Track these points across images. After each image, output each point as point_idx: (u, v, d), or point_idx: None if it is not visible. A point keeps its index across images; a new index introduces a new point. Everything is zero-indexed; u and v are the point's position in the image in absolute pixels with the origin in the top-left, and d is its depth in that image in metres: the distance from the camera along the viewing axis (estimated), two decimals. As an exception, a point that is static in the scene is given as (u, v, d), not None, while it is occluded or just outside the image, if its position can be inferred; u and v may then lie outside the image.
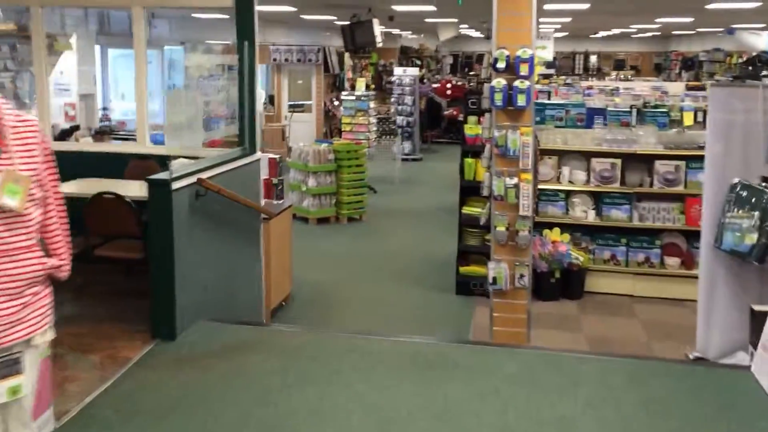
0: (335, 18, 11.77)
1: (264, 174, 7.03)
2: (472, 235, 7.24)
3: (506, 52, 4.81)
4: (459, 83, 20.60)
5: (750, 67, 20.04)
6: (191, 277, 4.66)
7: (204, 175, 4.80)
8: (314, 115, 17.59)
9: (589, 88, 16.47)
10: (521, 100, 4.82)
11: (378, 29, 9.32)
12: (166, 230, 4.34)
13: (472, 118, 7.47)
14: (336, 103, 14.50)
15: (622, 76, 20.53)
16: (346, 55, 18.68)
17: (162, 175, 4.39)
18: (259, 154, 5.84)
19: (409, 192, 13.17)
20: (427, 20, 12.53)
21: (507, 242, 5.30)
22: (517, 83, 4.80)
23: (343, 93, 12.90)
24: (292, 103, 17.87)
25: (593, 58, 32.51)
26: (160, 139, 8.03)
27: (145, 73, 5.84)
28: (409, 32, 21.06)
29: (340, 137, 12.95)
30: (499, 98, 4.84)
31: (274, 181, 7.05)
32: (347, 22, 9.63)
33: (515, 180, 4.98)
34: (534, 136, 5.06)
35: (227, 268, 5.32)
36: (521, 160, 4.95)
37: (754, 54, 20.48)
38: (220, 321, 4.89)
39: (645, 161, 7.59)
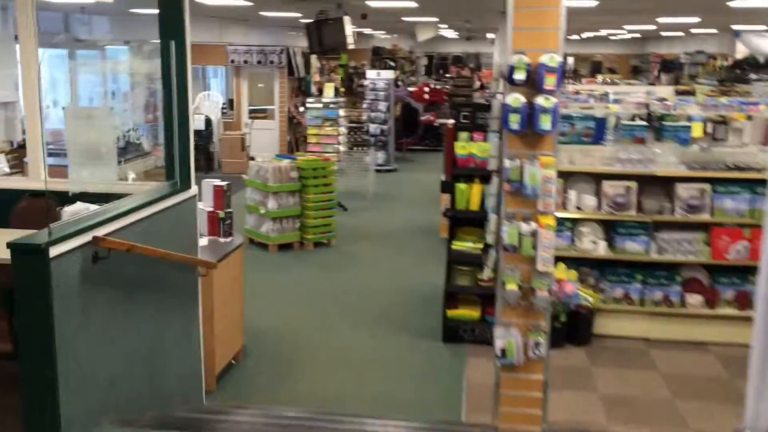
0: (299, 15, 10.43)
1: (207, 206, 5.69)
2: (462, 274, 5.96)
3: (526, 59, 3.51)
4: (438, 87, 19.36)
5: (738, 71, 19.18)
6: (87, 372, 3.30)
7: (108, 228, 3.44)
8: (277, 122, 16.17)
9: (576, 93, 15.37)
10: (545, 123, 3.52)
11: (349, 28, 8.00)
12: (41, 315, 2.97)
13: (462, 134, 6.19)
14: (301, 109, 13.13)
15: (608, 80, 19.46)
16: (313, 56, 17.29)
17: (33, 238, 3.02)
18: (194, 189, 4.48)
19: (384, 209, 11.86)
20: (404, 19, 11.23)
21: (519, 303, 4.02)
22: (539, 100, 3.50)
23: (309, 100, 11.52)
24: (253, 108, 16.44)
25: (570, 61, 31.62)
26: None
27: (35, 78, 4.44)
28: (383, 32, 19.76)
29: (306, 148, 11.59)
30: (515, 120, 3.53)
31: (221, 214, 5.70)
32: (313, 20, 8.29)
33: (532, 226, 3.69)
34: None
35: (148, 346, 3.96)
36: (541, 199, 3.65)
37: (740, 57, 19.67)
38: (131, 424, 3.53)
39: (664, 184, 6.43)
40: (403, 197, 12.90)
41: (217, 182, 5.78)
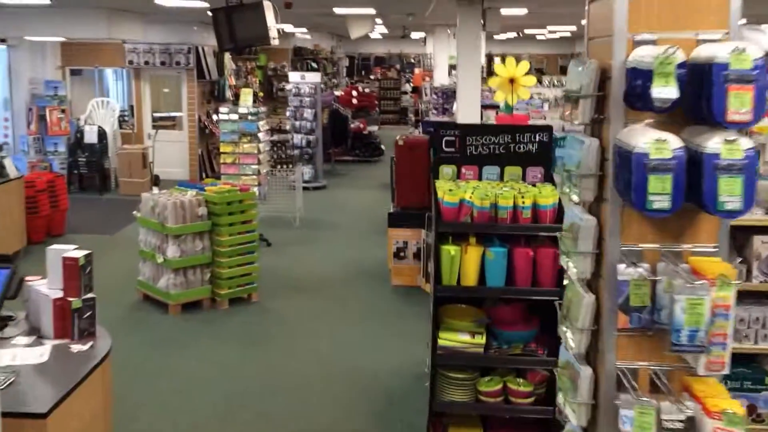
0: (207, 5, 8.24)
1: (54, 289, 3.57)
2: (455, 385, 3.97)
3: (681, 56, 1.56)
4: (367, 90, 17.43)
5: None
6: None
7: None
8: (186, 133, 13.81)
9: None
10: (730, 194, 1.60)
11: (272, 18, 5.94)
12: None
13: (446, 169, 4.24)
14: (215, 117, 10.90)
15: (555, 82, 17.97)
16: (227, 56, 15.02)
17: None
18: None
19: (317, 241, 9.78)
20: (337, 11, 9.18)
21: None
22: (716, 145, 1.58)
23: (222, 110, 9.31)
24: (157, 115, 14.02)
25: (497, 61, 30.35)
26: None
27: None
28: (303, 29, 17.63)
29: (219, 167, 9.39)
30: (662, 188, 1.60)
31: (76, 303, 3.58)
32: (222, 7, 6.15)
33: (687, 409, 1.76)
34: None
35: None
36: (707, 354, 1.74)
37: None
38: None
39: None
40: (338, 224, 10.86)
41: (71, 251, 3.62)
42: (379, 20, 11.02)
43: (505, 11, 8.80)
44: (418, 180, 7.79)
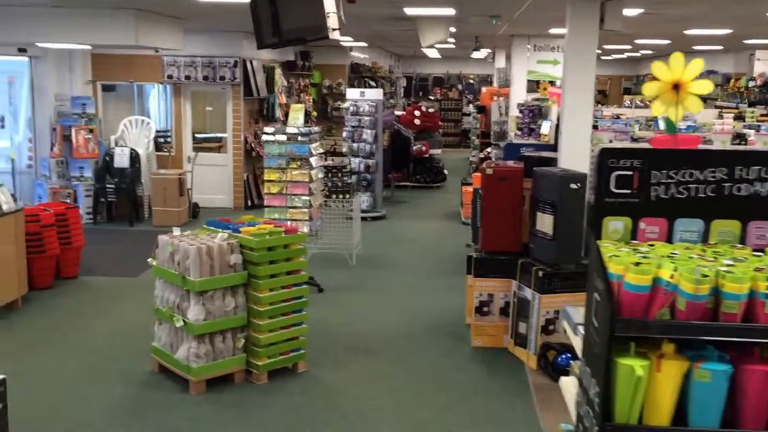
0: None
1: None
2: None
3: None
4: (430, 110, 15.82)
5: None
6: None
7: None
8: (231, 156, 12.40)
9: (615, 117, 11.96)
10: None
11: (331, 3, 4.37)
12: None
13: (613, 224, 2.54)
14: (264, 138, 9.47)
15: (639, 102, 16.13)
16: (277, 72, 13.62)
17: None
18: None
19: (376, 285, 8.14)
20: (408, 11, 7.57)
21: None
22: None
23: (267, 130, 7.77)
24: (201, 136, 12.65)
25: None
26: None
27: None
28: (363, 43, 16.18)
29: (262, 196, 7.83)
30: None
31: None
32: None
33: None
34: None
35: None
36: None
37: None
38: None
39: None
40: (401, 262, 9.20)
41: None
42: (452, 28, 9.41)
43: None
44: (510, 218, 6.10)
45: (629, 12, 7.21)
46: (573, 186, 5.54)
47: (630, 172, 2.54)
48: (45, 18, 8.26)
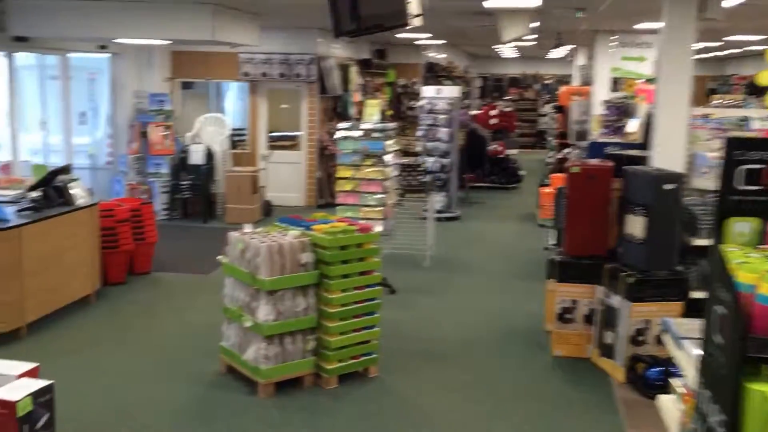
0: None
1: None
2: None
3: None
4: (507, 109, 15.39)
5: None
6: None
7: None
8: (304, 154, 12.33)
9: (703, 116, 11.24)
10: None
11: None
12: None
13: (739, 226, 2.18)
14: (338, 136, 9.34)
15: (733, 100, 15.17)
16: (353, 70, 13.49)
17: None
18: None
19: (451, 288, 7.85)
20: (487, 4, 7.23)
21: None
22: None
23: (341, 125, 7.61)
24: (276, 134, 12.63)
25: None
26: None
27: None
28: (441, 40, 15.88)
29: (335, 197, 7.66)
30: None
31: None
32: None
33: None
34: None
35: None
36: None
37: None
38: None
39: None
40: (476, 264, 8.88)
41: (12, 385, 1.85)
42: (534, 23, 9.01)
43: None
44: (597, 220, 5.71)
45: (727, 3, 6.67)
46: (667, 186, 5.12)
47: (761, 166, 2.17)
48: (123, 13, 8.33)
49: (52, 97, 10.00)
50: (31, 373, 1.82)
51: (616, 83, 12.20)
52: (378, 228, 7.14)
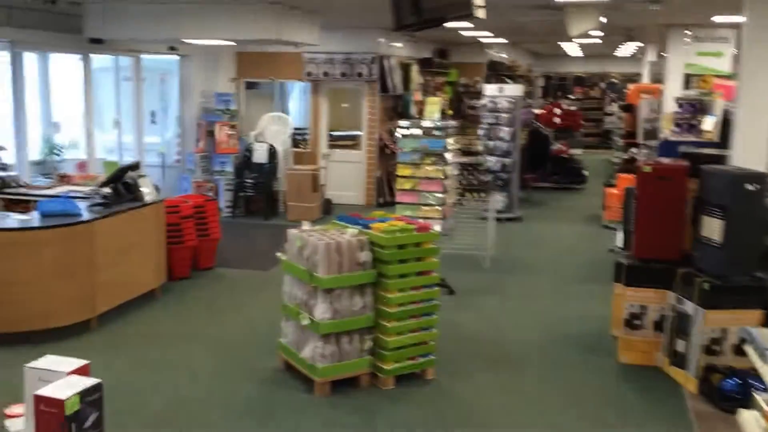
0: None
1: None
2: None
3: None
4: (572, 108, 15.03)
5: None
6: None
7: None
8: (364, 154, 12.31)
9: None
10: None
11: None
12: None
13: None
14: (398, 135, 9.29)
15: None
16: (414, 69, 13.40)
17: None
18: None
19: (511, 290, 7.66)
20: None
21: None
22: None
23: (401, 123, 7.54)
24: (336, 134, 12.65)
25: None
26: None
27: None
28: (503, 39, 15.62)
29: (394, 195, 7.61)
30: None
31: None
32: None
33: None
34: None
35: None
36: None
37: None
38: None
39: None
40: (537, 266, 8.67)
41: (61, 383, 1.81)
42: (603, 18, 8.70)
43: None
44: (669, 222, 5.45)
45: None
46: (749, 187, 4.83)
47: None
48: (192, 15, 8.46)
49: (126, 98, 10.28)
50: (81, 371, 1.79)
51: (688, 80, 11.73)
52: (437, 227, 7.02)
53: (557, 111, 14.94)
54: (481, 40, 15.45)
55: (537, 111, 15.53)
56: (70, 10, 8.63)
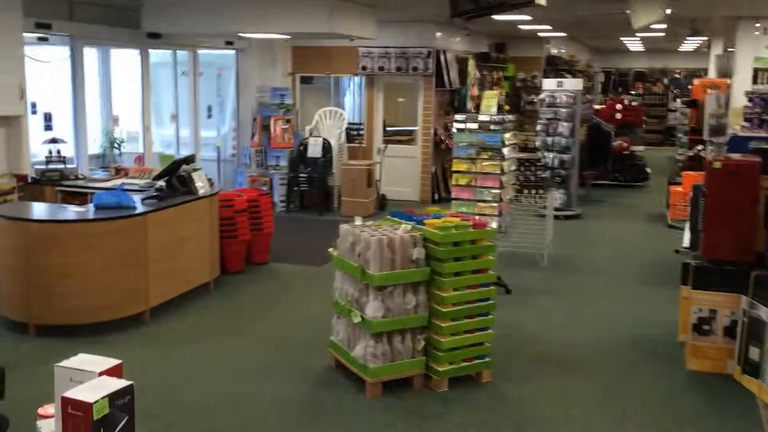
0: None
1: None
2: None
3: None
4: (633, 103, 14.55)
5: None
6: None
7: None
8: (419, 149, 12.14)
9: None
10: None
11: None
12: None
13: None
14: (454, 130, 9.11)
15: None
16: (471, 63, 13.16)
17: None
18: None
19: (570, 290, 7.41)
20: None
21: None
22: None
23: (457, 117, 7.35)
24: (390, 129, 12.52)
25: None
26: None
27: None
28: (562, 33, 15.24)
29: (449, 191, 7.43)
30: None
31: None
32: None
33: None
34: None
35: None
36: None
37: None
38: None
39: None
40: (597, 266, 8.37)
41: (87, 387, 1.71)
42: (668, 9, 8.33)
43: None
44: (741, 222, 5.14)
45: None
46: (831, 184, 4.49)
47: None
48: (247, 9, 8.46)
49: (183, 92, 10.38)
50: (113, 371, 1.70)
51: (756, 74, 11.18)
52: (493, 224, 6.82)
53: (619, 107, 14.45)
54: (540, 34, 15.08)
55: (597, 107, 15.07)
56: (130, 5, 8.74)
